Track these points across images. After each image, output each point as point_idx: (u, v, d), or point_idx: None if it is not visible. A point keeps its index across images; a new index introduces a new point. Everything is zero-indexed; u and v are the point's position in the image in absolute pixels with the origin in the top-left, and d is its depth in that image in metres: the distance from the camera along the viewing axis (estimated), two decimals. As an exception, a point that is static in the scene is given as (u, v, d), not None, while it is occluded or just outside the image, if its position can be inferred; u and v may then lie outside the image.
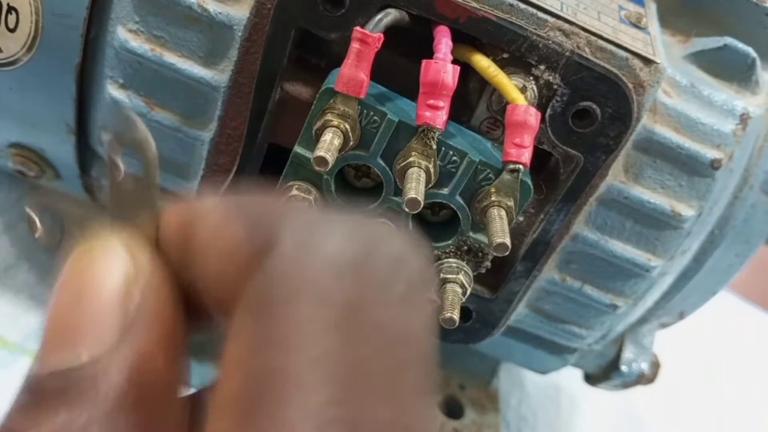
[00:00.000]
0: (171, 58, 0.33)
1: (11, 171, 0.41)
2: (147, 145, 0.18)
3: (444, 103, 0.28)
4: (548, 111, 0.31)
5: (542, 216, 0.34)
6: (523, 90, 0.30)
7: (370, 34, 0.28)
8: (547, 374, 0.46)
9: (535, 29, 0.30)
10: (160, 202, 0.19)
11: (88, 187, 0.42)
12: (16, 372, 0.42)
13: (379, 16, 0.29)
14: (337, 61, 0.30)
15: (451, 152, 0.30)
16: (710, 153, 0.33)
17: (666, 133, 0.33)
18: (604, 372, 0.46)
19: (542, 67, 0.30)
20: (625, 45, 0.30)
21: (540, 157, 0.32)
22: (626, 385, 0.47)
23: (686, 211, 0.35)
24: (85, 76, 0.35)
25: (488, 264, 0.33)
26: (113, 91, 0.34)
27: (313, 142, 0.29)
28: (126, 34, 0.33)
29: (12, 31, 0.33)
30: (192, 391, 0.19)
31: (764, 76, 0.36)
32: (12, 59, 0.34)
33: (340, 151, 0.28)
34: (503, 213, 0.30)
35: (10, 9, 0.33)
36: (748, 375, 0.71)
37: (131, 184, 0.18)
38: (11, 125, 0.38)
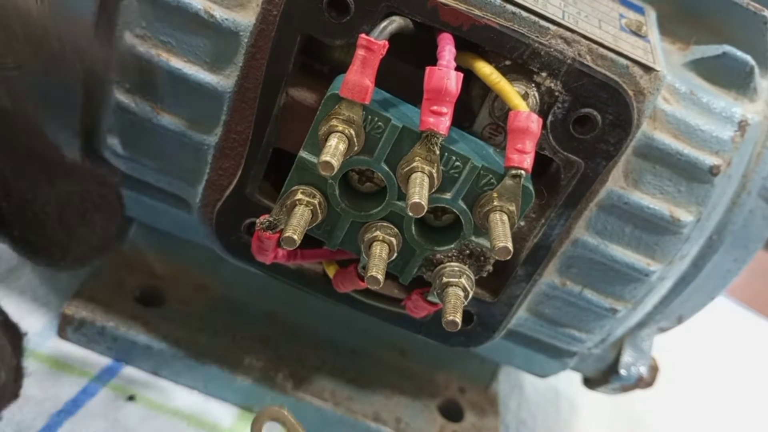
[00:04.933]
0: (177, 63, 0.33)
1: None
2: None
3: (447, 110, 0.29)
4: (549, 117, 0.31)
5: (543, 221, 0.34)
6: (525, 97, 0.30)
7: (375, 41, 0.28)
8: (546, 378, 0.46)
9: (537, 37, 0.30)
10: None
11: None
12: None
13: (383, 24, 0.29)
14: (341, 67, 0.31)
15: (454, 157, 0.30)
16: (709, 159, 0.34)
17: (665, 139, 0.34)
18: (603, 376, 0.47)
19: (544, 74, 0.30)
20: (625, 53, 0.31)
21: (541, 162, 0.32)
22: (625, 389, 0.47)
23: (685, 216, 0.35)
24: (91, 81, 0.35)
25: (490, 268, 0.33)
26: (119, 95, 0.35)
27: (318, 146, 0.29)
28: (133, 39, 0.33)
29: (20, 35, 0.34)
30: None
31: (762, 84, 0.36)
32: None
33: (344, 155, 0.29)
34: (505, 218, 0.30)
35: (18, 14, 0.33)
36: (746, 379, 0.72)
37: None
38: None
